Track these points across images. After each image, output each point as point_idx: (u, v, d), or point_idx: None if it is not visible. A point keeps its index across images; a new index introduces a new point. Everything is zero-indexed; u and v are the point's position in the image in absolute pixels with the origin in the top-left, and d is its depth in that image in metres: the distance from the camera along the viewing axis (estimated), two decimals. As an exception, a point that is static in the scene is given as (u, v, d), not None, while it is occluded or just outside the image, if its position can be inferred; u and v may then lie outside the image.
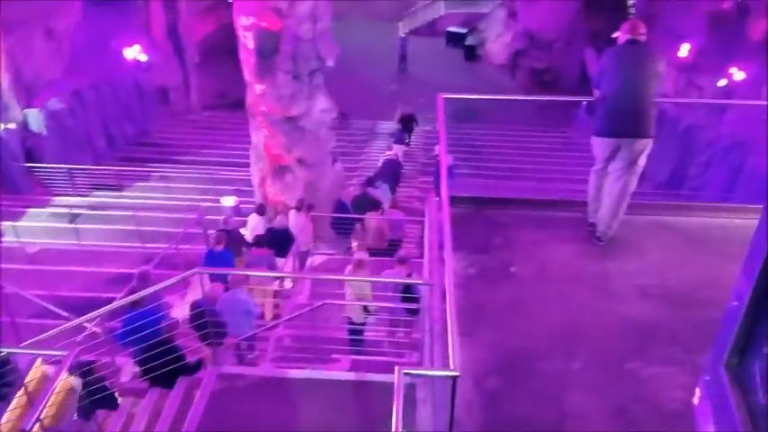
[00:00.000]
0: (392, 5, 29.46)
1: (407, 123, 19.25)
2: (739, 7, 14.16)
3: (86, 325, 5.99)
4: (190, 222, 11.23)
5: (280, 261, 9.97)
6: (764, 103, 13.44)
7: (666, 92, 16.25)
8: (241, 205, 13.77)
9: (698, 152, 16.04)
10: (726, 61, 15.32)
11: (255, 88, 12.54)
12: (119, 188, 16.44)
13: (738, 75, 15.01)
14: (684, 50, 16.45)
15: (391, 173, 14.11)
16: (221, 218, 10.62)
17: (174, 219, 12.85)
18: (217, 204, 13.76)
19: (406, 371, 2.76)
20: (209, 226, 11.10)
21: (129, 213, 13.26)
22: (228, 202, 13.77)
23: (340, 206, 11.98)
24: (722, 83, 15.60)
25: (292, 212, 11.25)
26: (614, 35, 5.17)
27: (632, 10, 21.26)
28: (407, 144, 18.79)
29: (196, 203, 13.45)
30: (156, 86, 20.58)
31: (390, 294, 7.06)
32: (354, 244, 11.59)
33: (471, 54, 27.67)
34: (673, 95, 16.77)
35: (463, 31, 28.12)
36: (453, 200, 5.02)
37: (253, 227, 11.06)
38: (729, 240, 4.97)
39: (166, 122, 20.89)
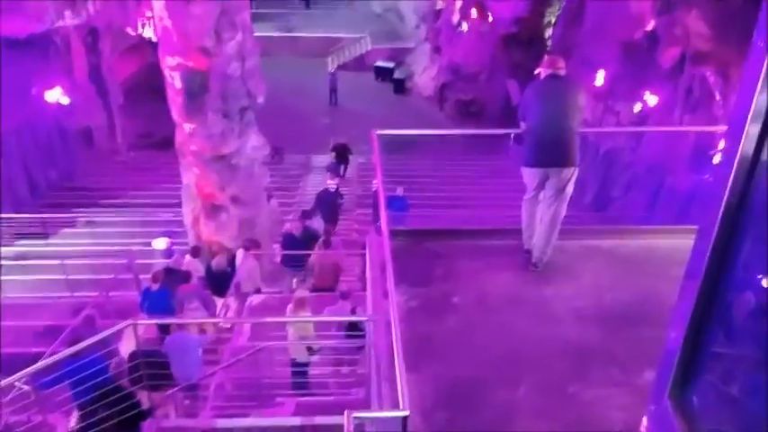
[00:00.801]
0: (320, 42, 29.81)
1: (341, 154, 19.37)
2: (649, 37, 15.07)
3: (16, 384, 5.65)
4: (120, 268, 10.83)
5: (219, 300, 9.75)
6: (678, 128, 14.29)
7: (586, 117, 17.02)
8: (173, 247, 13.40)
9: (619, 174, 16.82)
10: (639, 87, 16.21)
11: (184, 128, 12.36)
12: (44, 236, 15.70)
13: (652, 99, 15.90)
14: (600, 78, 17.32)
15: (328, 204, 14.09)
16: (158, 261, 10.32)
17: (103, 265, 12.37)
18: (148, 248, 13.35)
19: (355, 414, 2.74)
20: (141, 271, 10.75)
21: (56, 262, 12.67)
22: (160, 244, 13.38)
23: (290, 239, 11.81)
24: (637, 108, 16.49)
25: (240, 252, 11.07)
26: (536, 71, 5.41)
27: (549, 42, 22.31)
28: (342, 176, 18.87)
29: (126, 248, 13.02)
30: (79, 128, 19.95)
31: (334, 331, 7.00)
32: (294, 280, 11.47)
33: (400, 87, 28.23)
34: (592, 121, 17.58)
35: (391, 65, 28.71)
36: (393, 233, 5.06)
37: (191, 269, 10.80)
38: (657, 261, 5.21)
39: (92, 165, 20.20)
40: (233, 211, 13.19)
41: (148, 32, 18.16)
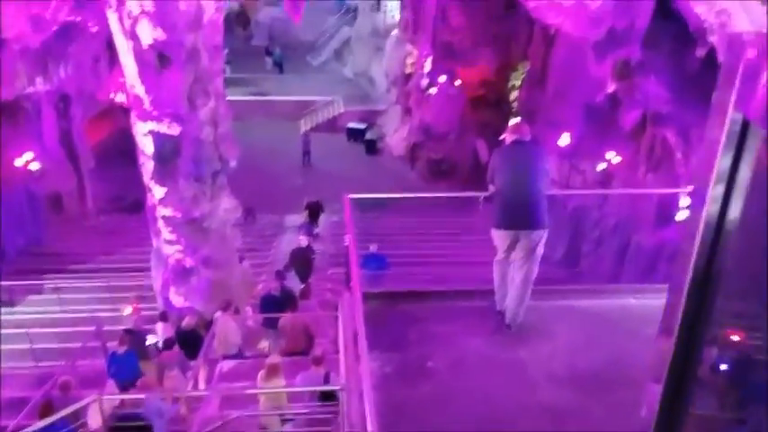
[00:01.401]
0: (293, 105, 30.29)
1: (314, 212, 19.46)
2: (611, 99, 15.67)
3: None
4: (88, 336, 10.55)
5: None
6: (644, 191, 14.73)
7: (553, 176, 17.43)
8: (143, 312, 13.12)
9: (588, 231, 17.12)
10: (603, 147, 16.72)
11: (155, 192, 12.32)
12: (9, 304, 15.25)
13: (616, 159, 16.39)
14: (565, 139, 17.84)
15: (301, 261, 14.03)
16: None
17: (70, 333, 12.03)
18: (116, 314, 13.04)
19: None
20: (109, 338, 10.49)
21: (22, 330, 12.28)
22: (128, 310, 13.11)
23: (270, 300, 11.65)
24: (602, 166, 16.96)
25: (218, 314, 10.92)
26: (502, 137, 5.58)
27: (515, 104, 23.03)
28: (316, 234, 18.88)
29: (94, 314, 12.72)
30: (49, 194, 19.73)
31: (307, 400, 6.86)
32: (265, 344, 11.24)
33: (372, 148, 28.66)
34: (559, 179, 18.00)
35: (362, 126, 29.21)
36: (366, 296, 5.05)
37: (161, 335, 10.63)
38: (629, 320, 5.28)
39: (61, 230, 19.89)
40: (204, 275, 13.03)
41: (120, 98, 18.28)
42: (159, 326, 10.89)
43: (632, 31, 12.07)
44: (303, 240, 14.76)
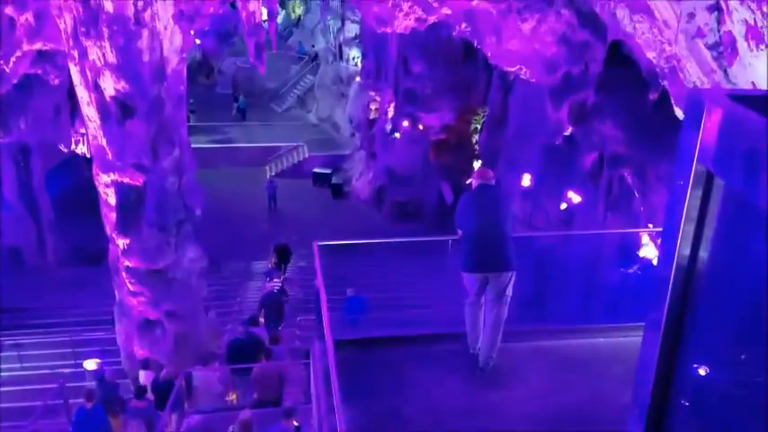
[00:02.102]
0: (258, 152, 30.38)
1: (282, 254, 19.34)
2: (568, 141, 16.15)
3: None
4: (49, 393, 10.18)
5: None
6: (606, 231, 15.07)
7: (517, 215, 17.73)
8: (105, 367, 12.74)
9: (554, 271, 17.35)
10: (564, 186, 17.13)
11: (119, 243, 12.12)
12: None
13: (576, 198, 16.79)
14: (527, 179, 18.24)
15: (273, 305, 13.84)
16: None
17: (31, 391, 11.59)
18: (79, 369, 12.63)
19: None
20: (71, 395, 10.13)
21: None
22: (90, 365, 12.71)
23: (237, 346, 11.39)
24: (563, 206, 17.34)
25: (198, 369, 10.67)
26: (468, 181, 5.72)
27: (477, 146, 23.53)
28: (285, 278, 18.76)
29: (56, 371, 12.30)
30: (8, 248, 19.21)
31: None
32: (233, 395, 10.98)
33: (338, 192, 28.79)
34: (522, 218, 18.31)
35: (328, 171, 29.39)
36: (338, 343, 5.03)
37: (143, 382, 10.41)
38: (599, 360, 5.37)
39: (20, 285, 19.30)
40: (168, 327, 12.77)
41: (82, 149, 18.09)
42: (141, 374, 10.67)
43: (587, 76, 12.57)
44: (275, 284, 14.61)
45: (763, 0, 6.11)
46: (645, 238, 13.01)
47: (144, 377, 10.66)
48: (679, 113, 9.74)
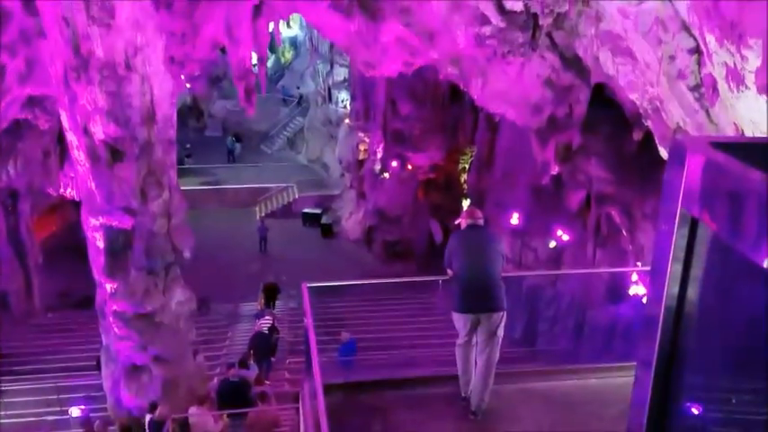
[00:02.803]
0: (247, 192, 30.45)
1: (270, 293, 19.27)
2: (555, 180, 16.34)
3: None
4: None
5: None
6: (594, 270, 15.15)
7: (506, 254, 17.76)
8: (91, 414, 12.50)
9: (543, 309, 17.35)
10: (552, 225, 17.26)
11: (106, 287, 12.01)
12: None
13: (564, 236, 16.90)
14: (515, 219, 18.37)
15: (264, 345, 13.69)
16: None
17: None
18: (65, 417, 12.36)
19: None
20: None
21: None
22: (76, 412, 12.47)
23: (228, 388, 11.19)
24: (552, 244, 17.44)
25: (193, 409, 10.49)
26: (457, 222, 5.75)
27: (465, 186, 23.72)
28: (274, 318, 18.64)
29: (41, 418, 12.02)
30: (-6, 293, 18.97)
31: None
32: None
33: (328, 232, 28.80)
34: (511, 257, 18.36)
35: (318, 211, 29.45)
36: (328, 387, 4.96)
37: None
38: (592, 401, 5.32)
39: (5, 329, 18.99)
40: (156, 372, 12.57)
41: (71, 193, 18.05)
42: (147, 417, 10.45)
43: (571, 117, 12.81)
44: (267, 320, 14.49)
45: (742, 43, 6.30)
46: (634, 276, 13.09)
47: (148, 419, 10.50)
48: (663, 153, 9.92)
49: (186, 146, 32.38)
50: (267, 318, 15.73)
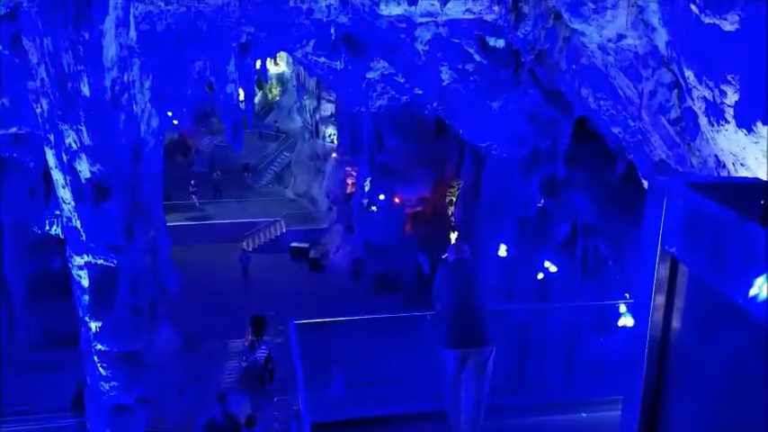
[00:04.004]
0: (235, 227, 30.38)
1: (258, 325, 19.11)
2: (541, 212, 16.46)
3: None
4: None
5: None
6: (584, 303, 15.16)
7: (494, 286, 17.79)
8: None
9: (532, 344, 17.27)
10: (539, 257, 17.30)
11: (91, 326, 11.84)
12: None
13: (552, 268, 16.93)
14: (502, 250, 18.41)
15: (254, 378, 13.47)
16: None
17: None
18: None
19: None
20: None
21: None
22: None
23: (215, 428, 10.96)
24: (540, 276, 17.45)
25: None
26: (444, 256, 5.77)
27: (452, 218, 23.84)
28: (264, 356, 18.43)
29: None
30: (-26, 331, 18.62)
31: None
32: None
33: (316, 265, 28.74)
34: (499, 289, 18.35)
35: (305, 245, 29.40)
36: (315, 426, 4.91)
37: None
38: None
39: (-14, 369, 18.61)
40: (141, 412, 12.34)
41: (56, 230, 17.91)
42: None
43: (555, 150, 12.99)
44: (262, 353, 14.30)
45: (721, 78, 6.44)
46: (623, 308, 13.09)
47: None
48: (647, 185, 10.04)
49: (191, 182, 32.49)
50: (263, 348, 15.62)
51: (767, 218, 1.91)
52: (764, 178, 5.92)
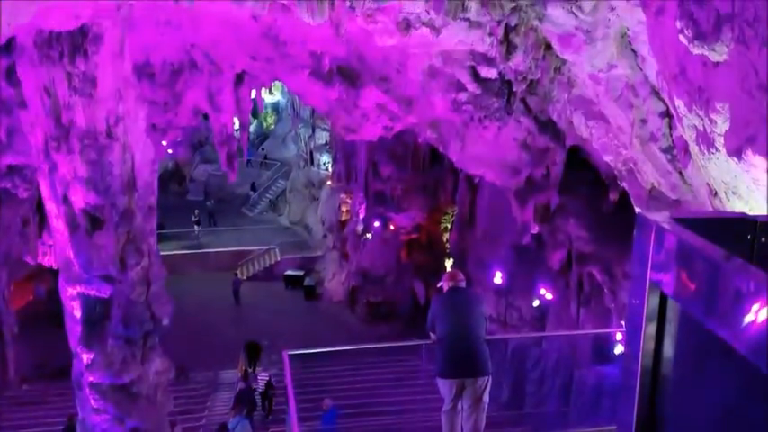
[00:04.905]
0: (229, 256, 30.24)
1: (252, 351, 19.00)
2: (536, 239, 16.50)
3: None
4: None
5: None
6: (580, 332, 15.16)
7: (490, 314, 17.72)
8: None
9: (530, 369, 17.16)
10: (535, 284, 17.29)
11: (83, 358, 11.71)
12: None
13: (548, 295, 16.91)
14: (498, 278, 18.38)
15: (247, 405, 13.35)
16: None
17: None
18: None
19: None
20: None
21: None
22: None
23: None
24: (536, 303, 17.42)
25: None
26: (439, 285, 5.76)
27: (448, 245, 23.84)
28: (254, 373, 18.37)
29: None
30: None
31: None
32: None
33: (311, 293, 28.58)
34: (496, 316, 18.28)
35: (300, 273, 29.27)
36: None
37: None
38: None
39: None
40: (133, 445, 12.14)
41: (49, 261, 17.82)
42: None
43: (548, 178, 13.07)
44: (263, 378, 14.18)
45: (710, 107, 6.51)
46: (619, 336, 13.05)
47: None
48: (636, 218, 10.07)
49: (195, 211, 32.45)
50: (264, 374, 15.54)
51: (754, 253, 1.92)
52: (758, 206, 5.95)
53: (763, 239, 1.92)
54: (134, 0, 9.00)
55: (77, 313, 11.52)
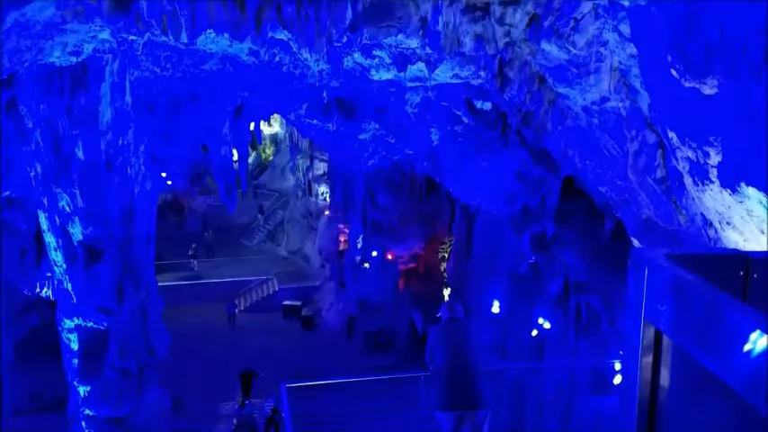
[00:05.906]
0: (226, 287, 30.18)
1: (247, 379, 18.82)
2: (533, 268, 16.51)
3: None
4: None
5: None
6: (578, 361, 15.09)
7: (488, 343, 17.65)
8: None
9: (529, 399, 17.01)
10: (533, 313, 17.24)
11: (79, 390, 11.62)
12: None
13: (546, 324, 16.84)
14: (496, 307, 18.35)
15: (248, 428, 13.17)
16: None
17: None
18: None
19: None
20: None
21: None
22: None
23: None
24: (534, 333, 17.33)
25: None
26: (438, 314, 5.77)
27: (445, 274, 23.83)
28: (248, 401, 18.11)
29: None
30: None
31: None
32: None
33: (308, 323, 28.45)
34: (494, 346, 18.18)
35: (298, 303, 29.18)
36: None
37: None
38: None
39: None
40: (129, 480, 11.98)
41: (47, 292, 17.76)
42: None
43: (544, 208, 13.16)
44: (268, 404, 14.01)
45: (703, 140, 6.61)
46: (617, 365, 12.98)
47: None
48: (636, 242, 10.13)
49: (192, 245, 32.49)
50: (270, 402, 15.35)
51: (747, 290, 1.98)
52: (752, 237, 6.02)
53: (755, 275, 1.97)
54: (135, 37, 9.14)
55: (74, 345, 11.47)
